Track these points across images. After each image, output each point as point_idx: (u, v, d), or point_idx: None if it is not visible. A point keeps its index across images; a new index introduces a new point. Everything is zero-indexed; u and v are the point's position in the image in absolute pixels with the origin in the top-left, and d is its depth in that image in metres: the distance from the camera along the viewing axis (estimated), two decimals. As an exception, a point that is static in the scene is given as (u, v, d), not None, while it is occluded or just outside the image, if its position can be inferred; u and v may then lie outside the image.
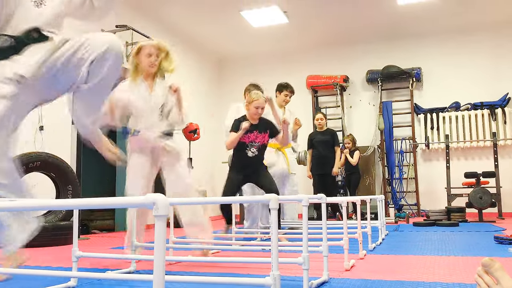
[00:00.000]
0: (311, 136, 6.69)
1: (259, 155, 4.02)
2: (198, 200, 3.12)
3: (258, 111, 3.94)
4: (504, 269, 1.29)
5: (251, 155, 3.96)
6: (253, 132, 3.96)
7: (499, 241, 3.71)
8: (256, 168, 4.04)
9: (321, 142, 6.46)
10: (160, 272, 0.92)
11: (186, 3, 6.80)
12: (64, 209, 4.51)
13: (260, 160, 4.07)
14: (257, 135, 3.97)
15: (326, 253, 2.21)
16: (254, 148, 3.96)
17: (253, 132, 3.96)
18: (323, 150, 6.43)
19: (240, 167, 4.03)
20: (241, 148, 3.97)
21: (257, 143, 3.97)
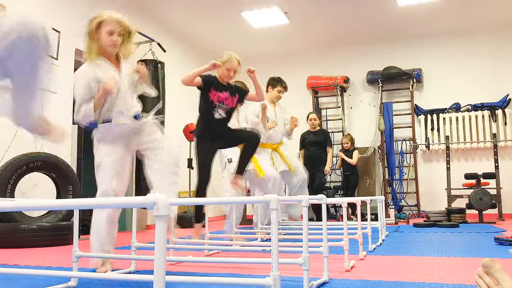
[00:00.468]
0: (304, 136, 6.62)
1: (226, 120, 3.76)
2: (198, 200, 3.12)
3: (230, 74, 3.73)
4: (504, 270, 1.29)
5: (218, 117, 3.69)
6: (223, 92, 3.73)
7: (499, 242, 3.71)
8: (224, 132, 3.78)
9: (314, 143, 6.40)
10: (160, 272, 0.92)
11: (186, 4, 6.80)
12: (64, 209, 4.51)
13: (227, 125, 3.81)
14: (227, 97, 3.74)
15: (327, 253, 2.21)
16: (222, 110, 3.70)
17: (222, 92, 3.72)
18: (315, 151, 6.37)
19: (208, 132, 3.75)
20: (209, 108, 3.69)
21: (225, 105, 3.72)
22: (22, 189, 4.56)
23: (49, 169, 4.60)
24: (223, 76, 3.73)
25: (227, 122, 3.79)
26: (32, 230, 4.12)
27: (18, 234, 4.06)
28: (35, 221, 4.35)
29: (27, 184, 4.64)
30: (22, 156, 4.38)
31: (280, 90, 5.05)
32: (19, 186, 4.42)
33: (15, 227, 4.10)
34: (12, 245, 3.96)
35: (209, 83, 3.67)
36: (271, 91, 5.07)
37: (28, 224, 4.17)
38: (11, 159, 4.34)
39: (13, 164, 4.31)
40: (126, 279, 2.35)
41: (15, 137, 4.60)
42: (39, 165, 4.48)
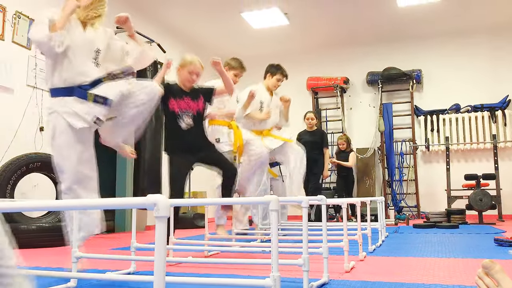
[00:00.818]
0: (300, 135, 6.42)
1: (196, 127, 3.43)
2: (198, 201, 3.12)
3: (192, 78, 3.39)
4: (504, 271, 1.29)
5: (185, 127, 3.37)
6: (183, 98, 3.39)
7: (499, 243, 3.71)
8: (200, 143, 3.45)
9: (310, 143, 6.10)
10: (160, 273, 0.92)
11: (186, 5, 6.81)
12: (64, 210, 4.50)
13: (200, 133, 3.48)
14: (189, 102, 3.41)
15: (326, 254, 2.20)
16: (188, 119, 3.37)
17: (183, 99, 3.39)
18: (310, 151, 5.99)
19: (179, 144, 3.41)
20: (172, 119, 3.38)
21: (190, 111, 3.39)
22: (22, 189, 4.56)
23: (49, 170, 4.58)
24: (185, 80, 3.42)
25: (199, 130, 3.46)
26: (31, 231, 4.12)
27: (17, 235, 4.05)
28: (35, 222, 4.34)
29: (27, 185, 4.63)
30: (22, 157, 4.38)
31: (279, 78, 4.72)
32: (19, 186, 4.42)
33: (15, 227, 4.10)
34: (12, 246, 3.95)
35: (166, 92, 3.29)
36: (269, 79, 4.74)
37: (28, 225, 4.16)
38: (10, 160, 4.34)
39: (13, 165, 4.30)
40: (125, 280, 2.35)
41: (14, 138, 4.60)
42: (39, 165, 4.48)
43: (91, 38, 2.73)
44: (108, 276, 2.30)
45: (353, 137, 8.47)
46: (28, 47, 4.92)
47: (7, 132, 4.58)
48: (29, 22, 4.96)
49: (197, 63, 3.41)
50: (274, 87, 4.73)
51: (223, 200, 3.42)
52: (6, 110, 4.66)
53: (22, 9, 4.92)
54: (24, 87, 4.84)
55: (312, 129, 6.48)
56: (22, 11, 4.92)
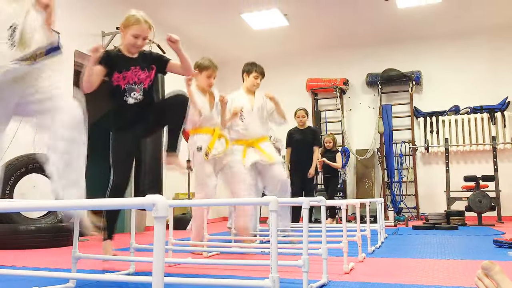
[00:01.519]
0: (290, 133, 6.18)
1: (146, 100, 2.95)
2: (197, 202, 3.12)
3: (137, 42, 2.86)
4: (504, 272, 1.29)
5: (132, 102, 2.89)
6: (130, 69, 2.88)
7: (498, 245, 3.71)
8: (146, 118, 2.96)
9: (301, 141, 5.99)
10: (159, 274, 0.92)
11: (186, 6, 6.81)
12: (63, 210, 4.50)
13: (150, 106, 2.99)
14: (138, 73, 2.91)
15: (326, 255, 2.20)
16: (137, 92, 2.89)
17: (129, 70, 2.88)
18: (301, 150, 5.97)
19: (125, 123, 2.94)
20: (117, 94, 2.89)
21: (138, 84, 2.90)
22: (21, 190, 4.55)
23: (48, 170, 4.59)
24: (129, 45, 2.87)
25: (149, 102, 2.98)
26: (31, 231, 4.12)
27: (17, 235, 4.05)
28: (34, 222, 4.34)
29: (26, 185, 4.63)
30: (21, 157, 4.38)
31: (256, 75, 4.29)
32: (18, 187, 4.41)
33: (14, 228, 4.10)
34: (11, 246, 3.96)
35: (107, 64, 2.84)
36: (246, 79, 4.35)
37: (27, 225, 4.16)
38: (10, 160, 4.34)
39: (12, 165, 4.30)
40: (124, 280, 2.35)
41: (14, 138, 4.60)
42: (38, 166, 4.47)
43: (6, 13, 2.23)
44: (107, 276, 2.29)
45: (353, 139, 8.49)
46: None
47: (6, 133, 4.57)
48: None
49: (143, 22, 2.86)
50: (253, 86, 4.31)
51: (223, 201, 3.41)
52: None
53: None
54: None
55: (303, 127, 6.21)
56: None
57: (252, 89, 4.32)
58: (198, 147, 3.68)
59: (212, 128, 3.77)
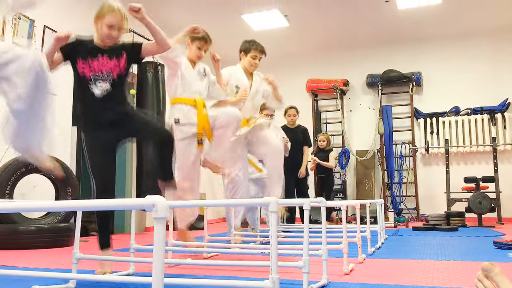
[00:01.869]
0: None
1: (116, 93, 2.70)
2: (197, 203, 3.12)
3: (112, 33, 2.64)
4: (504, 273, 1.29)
5: (99, 93, 2.64)
6: (97, 57, 2.66)
7: (498, 246, 3.71)
8: (119, 112, 2.70)
9: (291, 140, 5.61)
10: (159, 274, 0.92)
11: (187, 6, 6.82)
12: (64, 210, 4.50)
13: (120, 100, 2.75)
14: (106, 62, 2.68)
15: (326, 256, 2.20)
16: (103, 82, 2.65)
17: (97, 58, 2.66)
18: (292, 150, 5.58)
19: (93, 117, 2.70)
20: (82, 85, 2.68)
21: (106, 73, 2.67)
22: (21, 190, 4.56)
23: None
24: (104, 36, 2.66)
25: (119, 96, 2.74)
26: (31, 232, 4.12)
27: (16, 236, 4.05)
28: (34, 223, 4.34)
29: (26, 186, 4.63)
30: (21, 158, 4.37)
31: (254, 55, 4.01)
32: (18, 187, 4.41)
33: (14, 228, 4.10)
34: (11, 247, 3.95)
35: (72, 52, 2.65)
36: (243, 58, 4.07)
37: (27, 226, 4.16)
38: (10, 160, 4.34)
39: (12, 166, 4.30)
40: (124, 281, 2.35)
41: (14, 139, 4.59)
42: (38, 166, 4.47)
43: None
44: (107, 277, 2.30)
45: (353, 139, 8.49)
46: (28, 48, 4.92)
47: (7, 133, 4.57)
48: (29, 23, 4.96)
49: (118, 13, 2.63)
50: (251, 66, 4.01)
51: (223, 202, 3.42)
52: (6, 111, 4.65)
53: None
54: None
55: (294, 126, 6.05)
56: (22, 12, 4.92)
57: (250, 70, 4.02)
58: (176, 119, 3.35)
59: (193, 99, 3.39)
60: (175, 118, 3.35)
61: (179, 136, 3.28)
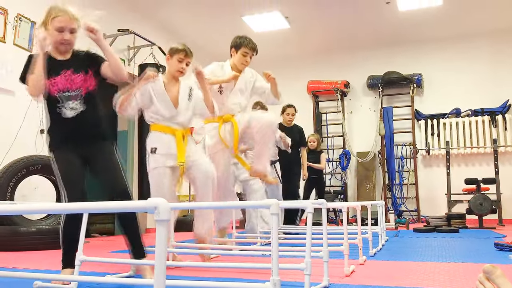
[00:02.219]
0: None
1: (87, 112, 2.45)
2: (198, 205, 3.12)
3: (64, 37, 2.38)
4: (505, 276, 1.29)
5: (71, 115, 2.41)
6: (60, 73, 2.41)
7: (499, 248, 3.70)
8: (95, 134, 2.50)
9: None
10: (161, 276, 0.92)
11: (188, 8, 6.82)
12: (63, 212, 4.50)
13: (94, 121, 2.50)
14: (72, 78, 2.42)
15: (327, 258, 2.20)
16: (73, 102, 2.41)
17: (59, 74, 2.41)
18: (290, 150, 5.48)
19: (61, 137, 2.47)
20: (51, 106, 2.43)
21: (74, 91, 2.42)
22: (22, 192, 4.56)
23: (49, 172, 4.59)
24: (56, 43, 2.40)
25: (92, 117, 2.50)
26: (31, 233, 4.12)
27: (17, 237, 4.06)
28: (35, 224, 4.34)
29: (27, 187, 4.63)
30: (22, 159, 4.39)
31: (245, 52, 3.80)
32: (19, 189, 4.42)
33: (15, 230, 4.10)
34: (12, 248, 3.96)
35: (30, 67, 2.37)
36: (234, 55, 3.85)
37: (28, 227, 4.16)
38: (11, 162, 4.35)
39: (13, 167, 4.31)
40: (125, 283, 2.35)
41: (15, 140, 4.61)
42: (39, 168, 4.48)
43: None
44: (108, 279, 2.30)
45: (354, 141, 8.49)
46: (29, 49, 4.93)
47: (8, 134, 4.58)
48: (31, 24, 4.97)
49: (66, 14, 2.37)
50: (241, 64, 3.81)
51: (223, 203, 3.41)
52: (7, 112, 4.66)
53: (24, 12, 4.93)
54: (25, 90, 4.84)
55: (290, 125, 5.83)
56: (23, 14, 4.93)
57: (240, 67, 3.82)
58: (152, 148, 3.07)
59: (173, 128, 3.08)
60: (152, 147, 3.08)
61: (152, 165, 3.06)
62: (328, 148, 8.55)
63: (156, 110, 3.05)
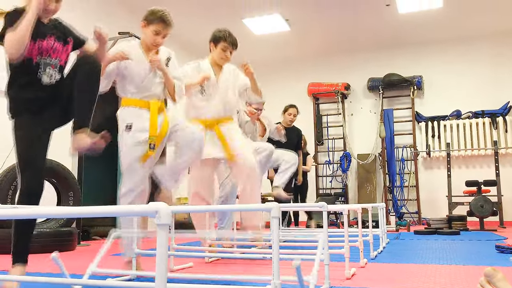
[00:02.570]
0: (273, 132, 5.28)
1: (62, 83, 2.39)
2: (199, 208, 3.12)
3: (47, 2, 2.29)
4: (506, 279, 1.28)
5: (47, 82, 2.32)
6: (46, 37, 2.31)
7: (500, 250, 3.70)
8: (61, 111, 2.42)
9: (286, 142, 5.22)
10: (162, 280, 0.92)
11: (188, 10, 6.84)
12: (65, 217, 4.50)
13: (70, 95, 2.37)
14: (54, 44, 2.35)
15: (327, 261, 2.20)
16: (52, 69, 2.33)
17: (45, 38, 2.31)
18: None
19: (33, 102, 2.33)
20: (28, 69, 2.28)
21: (54, 59, 2.35)
22: (23, 195, 4.55)
23: (50, 175, 4.60)
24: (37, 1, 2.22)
25: (69, 88, 2.38)
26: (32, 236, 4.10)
27: (18, 240, 4.05)
28: (36, 227, 4.33)
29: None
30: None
31: (225, 47, 3.53)
32: (20, 192, 4.41)
33: (16, 233, 4.09)
34: (12, 251, 3.95)
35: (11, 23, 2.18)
36: (213, 49, 3.60)
37: (29, 230, 4.15)
38: (12, 165, 4.35)
39: (14, 170, 4.29)
40: (126, 286, 2.34)
41: (16, 143, 4.60)
42: (40, 171, 4.47)
43: None
44: (109, 282, 2.29)
45: (354, 143, 8.49)
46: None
47: (8, 138, 4.57)
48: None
49: None
50: (220, 59, 3.54)
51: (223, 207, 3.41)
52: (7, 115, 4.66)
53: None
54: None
55: (290, 126, 5.68)
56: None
57: (220, 63, 3.56)
58: (128, 124, 2.78)
59: (148, 101, 2.81)
60: (127, 123, 2.78)
61: (129, 144, 2.76)
62: (329, 150, 8.56)
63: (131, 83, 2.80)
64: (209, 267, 3.12)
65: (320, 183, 8.54)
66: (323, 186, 8.51)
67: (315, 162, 8.39)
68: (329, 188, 8.39)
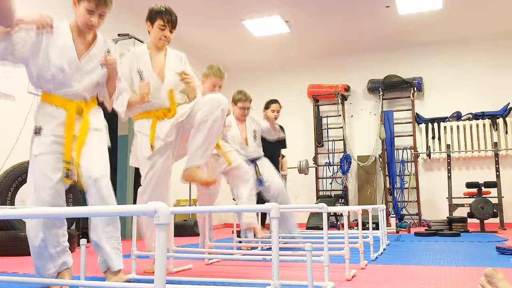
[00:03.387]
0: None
1: None
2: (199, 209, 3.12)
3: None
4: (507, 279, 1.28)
5: None
6: None
7: (501, 252, 3.69)
8: None
9: (267, 141, 4.80)
10: (161, 281, 0.92)
11: (188, 12, 6.83)
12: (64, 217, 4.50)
13: None
14: None
15: (327, 262, 2.19)
16: None
17: None
18: (269, 150, 4.84)
19: None
20: None
21: None
22: (23, 196, 4.55)
23: (49, 177, 4.59)
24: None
25: None
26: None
27: (17, 242, 4.04)
28: (35, 229, 4.33)
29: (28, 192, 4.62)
30: (23, 164, 4.38)
31: (161, 25, 3.07)
32: (20, 193, 4.41)
33: (15, 234, 4.09)
34: (12, 253, 3.95)
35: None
36: (150, 30, 3.18)
37: (28, 232, 4.15)
38: (11, 167, 4.34)
39: (14, 172, 4.31)
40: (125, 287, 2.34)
41: (15, 145, 4.61)
42: (40, 172, 4.47)
43: None
44: (108, 283, 2.29)
45: (354, 145, 8.49)
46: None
47: (8, 139, 4.58)
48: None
49: None
50: (159, 40, 3.08)
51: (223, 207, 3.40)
52: (7, 117, 4.66)
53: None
54: (25, 94, 4.85)
55: None
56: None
57: (159, 44, 3.09)
58: (37, 127, 2.41)
59: (69, 99, 2.45)
60: (37, 126, 2.40)
61: (35, 151, 2.37)
62: (329, 152, 8.55)
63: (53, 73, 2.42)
64: (209, 269, 3.11)
65: (320, 184, 8.54)
66: (323, 188, 8.50)
67: (315, 163, 8.39)
68: (329, 190, 8.39)
